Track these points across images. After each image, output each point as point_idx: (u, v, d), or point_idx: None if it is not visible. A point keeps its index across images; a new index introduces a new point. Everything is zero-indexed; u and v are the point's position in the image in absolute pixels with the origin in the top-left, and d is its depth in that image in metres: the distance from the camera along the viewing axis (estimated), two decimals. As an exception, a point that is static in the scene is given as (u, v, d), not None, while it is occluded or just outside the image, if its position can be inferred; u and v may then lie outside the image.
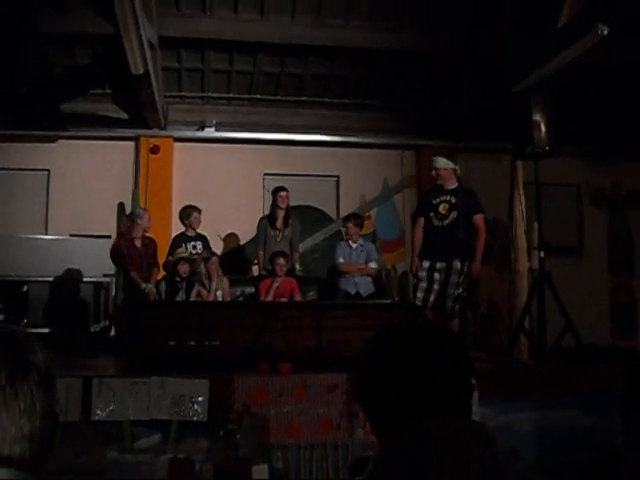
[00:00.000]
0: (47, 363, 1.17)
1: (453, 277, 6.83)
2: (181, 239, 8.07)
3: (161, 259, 7.99)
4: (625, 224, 11.40)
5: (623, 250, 11.29)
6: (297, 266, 8.12)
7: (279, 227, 7.92)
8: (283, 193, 7.95)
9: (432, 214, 6.95)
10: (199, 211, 8.16)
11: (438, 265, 6.86)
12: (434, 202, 6.98)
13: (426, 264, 6.91)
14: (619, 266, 11.21)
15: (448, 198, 6.94)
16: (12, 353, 1.12)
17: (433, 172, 7.09)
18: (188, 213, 8.11)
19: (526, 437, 5.30)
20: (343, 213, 10.12)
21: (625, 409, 5.31)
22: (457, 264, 6.83)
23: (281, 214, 7.94)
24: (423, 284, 6.91)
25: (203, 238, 8.21)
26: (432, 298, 6.87)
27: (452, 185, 7.07)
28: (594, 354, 6.35)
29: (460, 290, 6.90)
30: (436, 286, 6.87)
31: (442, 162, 7.10)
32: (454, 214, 6.88)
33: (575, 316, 6.37)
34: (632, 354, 7.29)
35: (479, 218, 6.99)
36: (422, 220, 7.09)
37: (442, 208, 6.92)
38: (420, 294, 6.91)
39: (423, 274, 6.92)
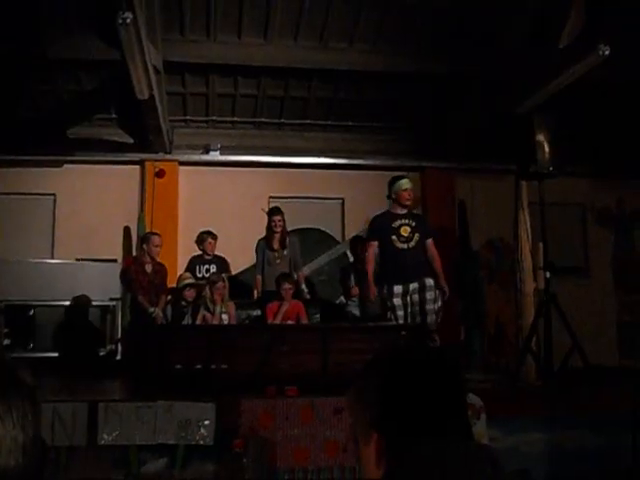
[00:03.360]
0: (33, 382, 1.18)
1: (429, 293, 6.64)
2: (197, 261, 8.16)
3: (171, 282, 8.01)
4: (631, 242, 11.39)
5: (629, 269, 11.26)
6: (303, 287, 8.09)
7: (276, 248, 7.88)
8: (276, 217, 7.82)
9: (394, 237, 6.75)
10: (214, 237, 8.22)
11: (411, 287, 6.67)
12: (393, 225, 6.80)
13: (398, 289, 6.68)
14: (625, 285, 11.18)
15: (408, 221, 6.82)
16: (1, 368, 1.14)
17: (406, 194, 6.86)
18: (202, 239, 8.20)
19: (534, 457, 5.28)
20: (348, 235, 10.12)
21: (635, 429, 5.29)
22: (430, 280, 6.67)
23: (277, 236, 7.88)
24: (401, 312, 6.67)
25: (220, 261, 8.26)
26: (417, 321, 6.64)
27: (405, 209, 6.93)
28: (601, 374, 6.32)
29: (440, 303, 6.71)
30: (409, 309, 6.67)
31: (411, 183, 7.01)
32: (417, 236, 6.77)
33: (582, 336, 6.35)
34: (640, 374, 7.26)
35: (431, 242, 6.91)
36: (376, 244, 6.90)
37: (403, 231, 6.77)
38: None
39: (398, 301, 6.68)
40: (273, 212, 7.99)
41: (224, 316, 7.25)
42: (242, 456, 4.52)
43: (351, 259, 8.86)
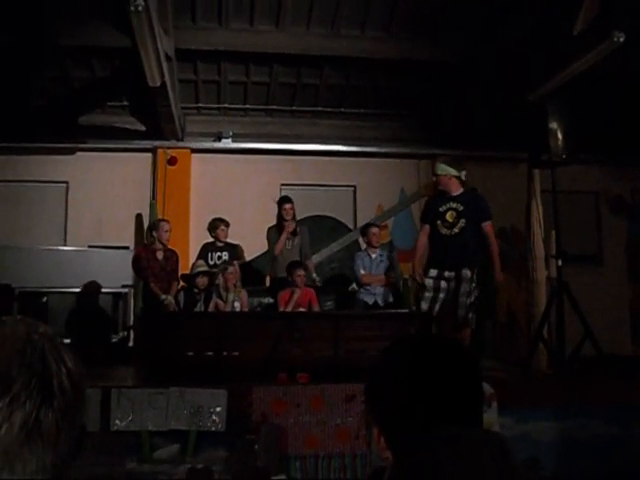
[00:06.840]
0: (75, 378, 1.12)
1: (464, 286, 6.53)
2: (209, 248, 8.20)
3: (183, 269, 8.05)
4: (644, 231, 11.32)
5: (643, 257, 11.19)
6: (314, 275, 8.11)
7: (288, 236, 7.91)
8: (287, 206, 7.89)
9: (439, 222, 6.65)
10: (226, 224, 8.26)
11: (446, 274, 6.60)
12: (440, 210, 6.68)
13: (433, 272, 6.65)
14: (639, 274, 11.11)
15: (454, 205, 6.64)
16: (39, 377, 1.06)
17: (433, 178, 6.94)
18: (215, 226, 8.25)
19: (545, 446, 5.27)
20: (360, 223, 10.10)
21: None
22: (467, 272, 6.54)
23: (287, 224, 7.92)
24: (428, 294, 6.64)
25: (232, 248, 8.30)
26: (437, 307, 6.63)
27: (456, 192, 6.72)
28: (614, 363, 6.29)
29: (472, 298, 6.60)
30: (442, 295, 6.62)
31: (441, 168, 6.77)
32: (462, 222, 6.58)
33: (594, 325, 6.33)
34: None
35: (488, 226, 6.70)
36: (428, 227, 6.82)
37: (449, 216, 6.62)
38: (425, 304, 6.65)
39: (430, 282, 6.65)
40: (283, 201, 8.02)
41: (236, 303, 7.27)
42: (254, 442, 4.54)
43: (363, 247, 8.86)
